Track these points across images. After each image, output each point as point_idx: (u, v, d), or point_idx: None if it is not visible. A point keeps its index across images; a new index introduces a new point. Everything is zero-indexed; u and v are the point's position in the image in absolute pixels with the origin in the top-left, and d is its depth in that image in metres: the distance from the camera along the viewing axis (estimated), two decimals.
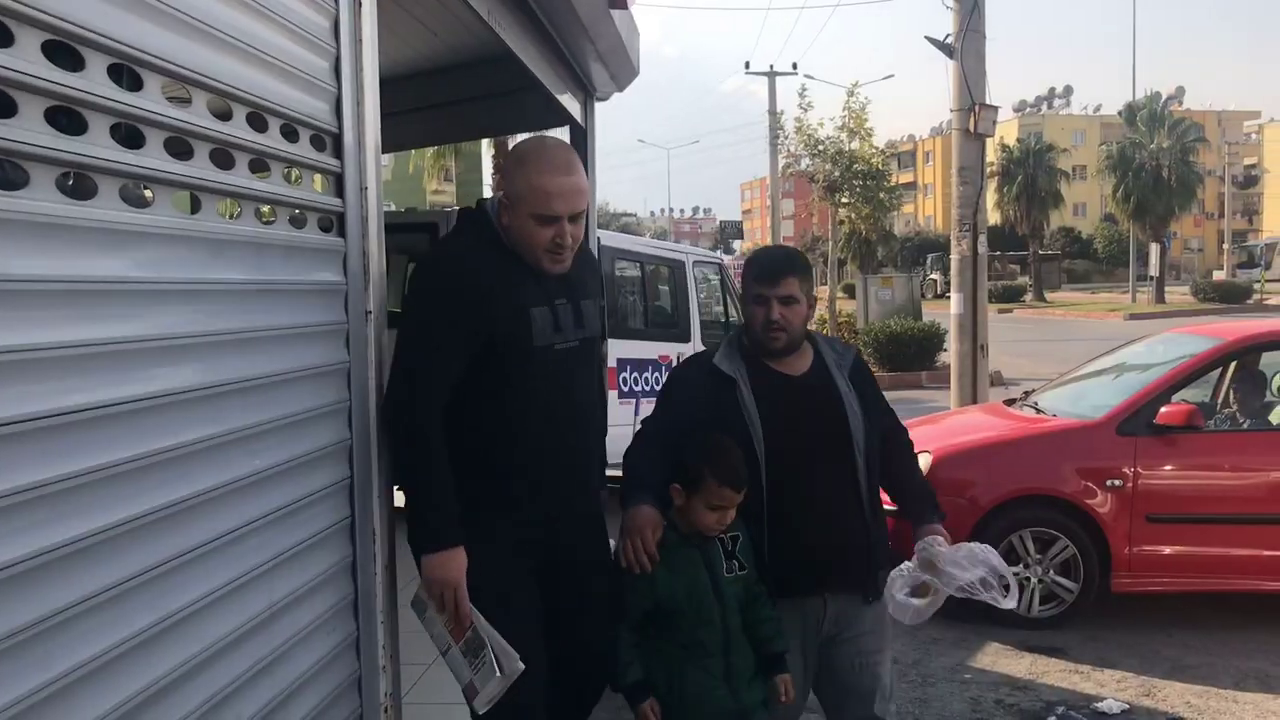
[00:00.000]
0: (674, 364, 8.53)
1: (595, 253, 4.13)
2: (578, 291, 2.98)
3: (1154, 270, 43.98)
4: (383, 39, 3.11)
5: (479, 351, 2.78)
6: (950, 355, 12.44)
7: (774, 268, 3.19)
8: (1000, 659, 5.93)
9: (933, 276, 49.34)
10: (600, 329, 3.04)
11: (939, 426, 7.75)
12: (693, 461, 3.02)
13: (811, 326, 3.40)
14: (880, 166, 24.69)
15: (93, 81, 1.84)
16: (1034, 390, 8.15)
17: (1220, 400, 7.31)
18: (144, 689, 1.96)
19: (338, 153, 2.80)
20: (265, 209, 2.52)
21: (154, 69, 2.00)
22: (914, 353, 20.16)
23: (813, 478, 3.14)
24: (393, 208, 12.01)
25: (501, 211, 2.87)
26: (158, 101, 2.02)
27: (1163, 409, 6.34)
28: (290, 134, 2.58)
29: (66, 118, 1.81)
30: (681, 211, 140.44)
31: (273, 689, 2.47)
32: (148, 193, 2.06)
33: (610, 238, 10.24)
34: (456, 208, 7.14)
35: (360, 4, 2.87)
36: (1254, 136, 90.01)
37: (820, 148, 23.65)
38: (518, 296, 2.81)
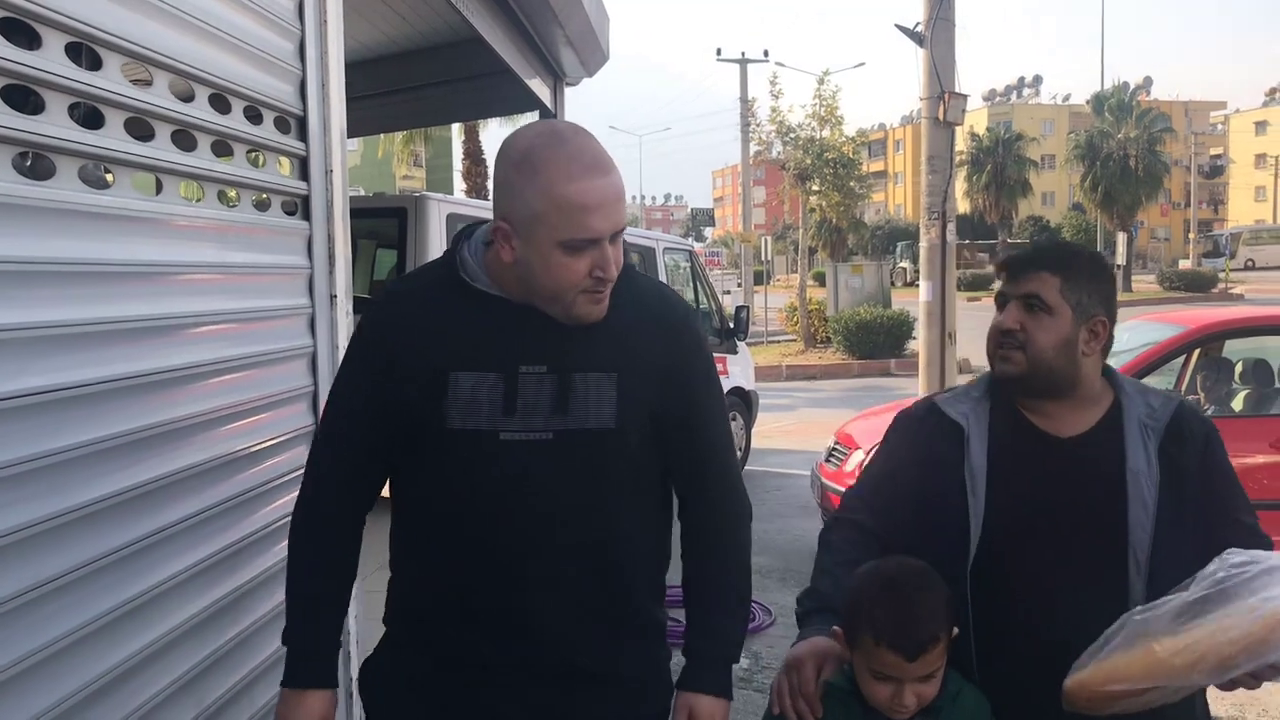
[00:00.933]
0: None
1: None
2: (584, 353, 1.85)
3: (1121, 259, 44.31)
4: (350, 22, 3.09)
5: (397, 428, 1.88)
6: (919, 343, 12.50)
7: (1021, 256, 2.14)
8: None
9: (902, 265, 49.52)
10: (622, 416, 1.85)
11: None
12: (847, 604, 1.94)
13: (782, 317, 3.02)
14: (851, 155, 24.73)
15: (50, 60, 1.82)
16: None
17: (1185, 387, 7.38)
18: (107, 671, 1.95)
19: (302, 135, 2.78)
20: (230, 192, 2.50)
21: (114, 48, 1.98)
22: (883, 340, 20.26)
23: (1051, 594, 2.02)
24: (362, 192, 11.92)
25: (498, 245, 1.81)
26: (117, 81, 1.99)
27: None
28: (254, 116, 2.56)
29: (24, 96, 1.79)
30: (653, 199, 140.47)
31: (236, 673, 2.46)
32: (108, 175, 2.05)
33: None
34: (422, 193, 7.08)
35: None
36: (1220, 127, 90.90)
37: (792, 135, 23.65)
38: (436, 354, 1.83)
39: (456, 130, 27.46)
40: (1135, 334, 7.44)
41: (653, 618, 1.99)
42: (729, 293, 30.44)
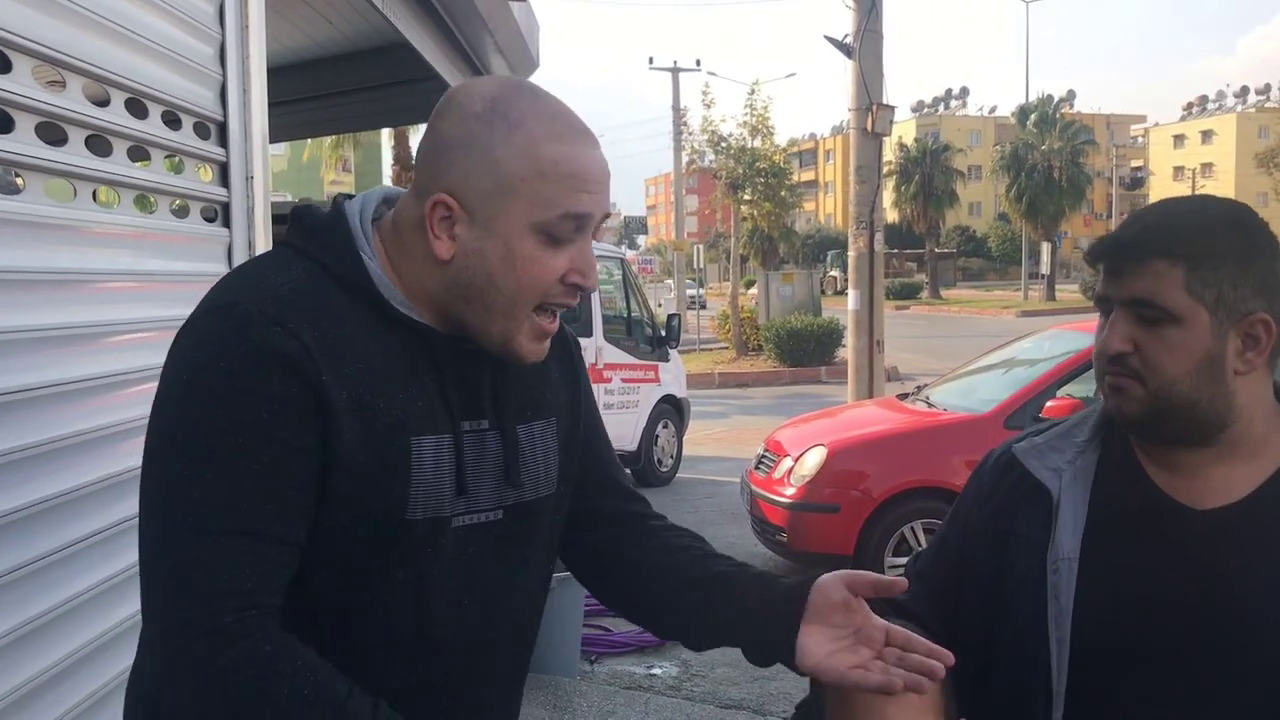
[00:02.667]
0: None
1: None
2: (519, 396, 1.42)
3: (1045, 269, 45.31)
4: (274, 24, 3.06)
5: (333, 525, 1.26)
6: (848, 351, 12.65)
7: (1122, 238, 1.41)
8: None
9: (833, 274, 50.08)
10: (567, 475, 1.48)
11: (835, 420, 7.91)
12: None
13: (712, 323, 2.04)
14: (782, 164, 24.97)
15: None
16: (926, 385, 8.33)
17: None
18: (11, 691, 1.91)
19: (222, 141, 2.74)
20: (147, 198, 2.46)
21: (23, 51, 1.94)
22: (813, 348, 20.46)
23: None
24: (289, 198, 11.79)
25: (431, 235, 1.28)
26: (27, 85, 1.95)
27: (1048, 403, 6.53)
28: (172, 121, 2.52)
29: None
30: None
31: None
32: (18, 179, 2.00)
33: None
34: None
35: None
36: (1140, 140, 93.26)
37: (724, 144, 23.82)
38: (392, 409, 1.27)
39: (386, 135, 27.21)
40: (1056, 343, 7.61)
41: None
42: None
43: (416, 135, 27.06)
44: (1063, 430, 1.53)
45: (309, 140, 26.06)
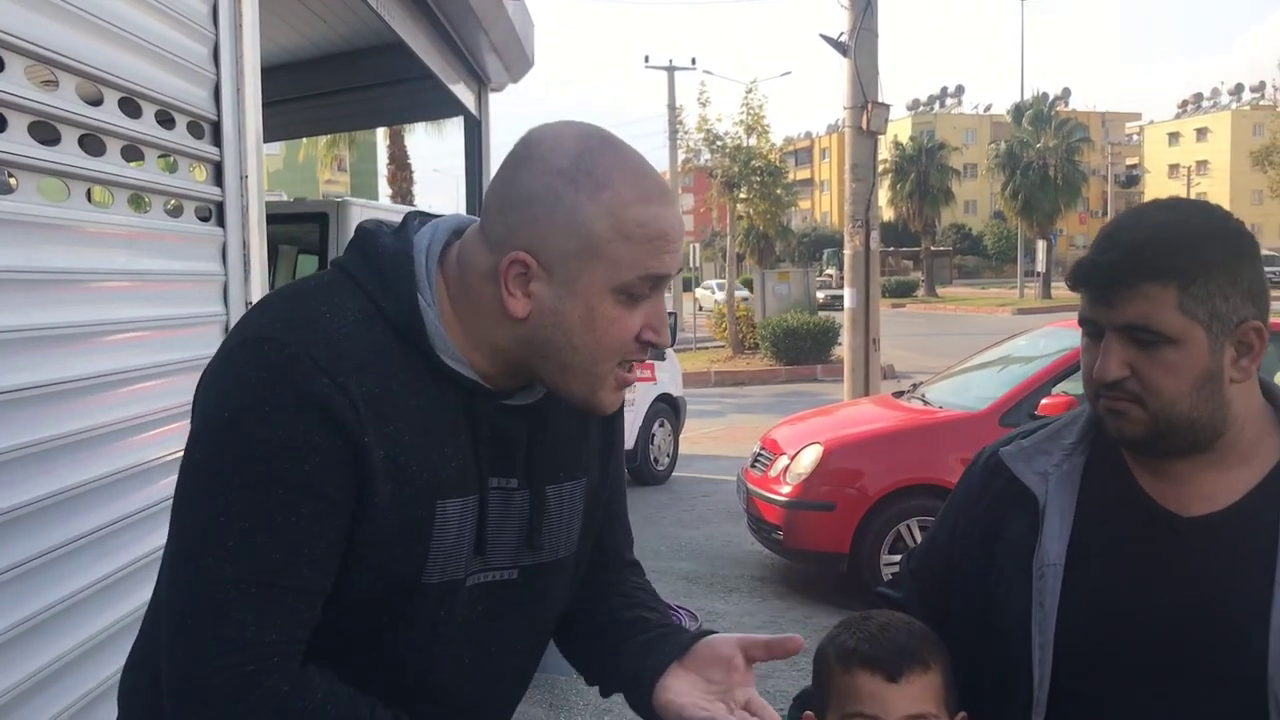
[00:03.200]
0: None
1: None
2: (557, 460, 1.38)
3: (1041, 266, 45.33)
4: (269, 24, 3.06)
5: (357, 584, 1.24)
6: (844, 349, 12.65)
7: (1107, 264, 1.35)
8: None
9: (829, 272, 50.14)
10: (588, 534, 1.46)
11: (831, 418, 7.92)
12: (815, 668, 1.50)
13: (707, 321, 2.04)
14: (777, 163, 24.98)
15: None
16: (922, 383, 8.34)
17: None
18: (8, 689, 1.91)
19: (216, 140, 2.74)
20: (141, 197, 2.46)
21: (16, 50, 1.94)
22: (809, 346, 20.47)
23: None
24: (283, 197, 11.77)
25: (505, 293, 1.22)
26: (20, 84, 1.95)
27: (1043, 400, 6.53)
28: (166, 120, 2.52)
29: None
30: None
31: None
32: (11, 179, 2.00)
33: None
34: (344, 198, 7.01)
35: None
36: (1135, 138, 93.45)
37: (719, 143, 23.83)
38: (425, 471, 1.23)
39: (381, 135, 27.27)
40: (1051, 341, 7.61)
41: None
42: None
43: (412, 135, 27.08)
44: (1050, 432, 1.51)
45: (304, 139, 26.07)
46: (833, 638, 1.47)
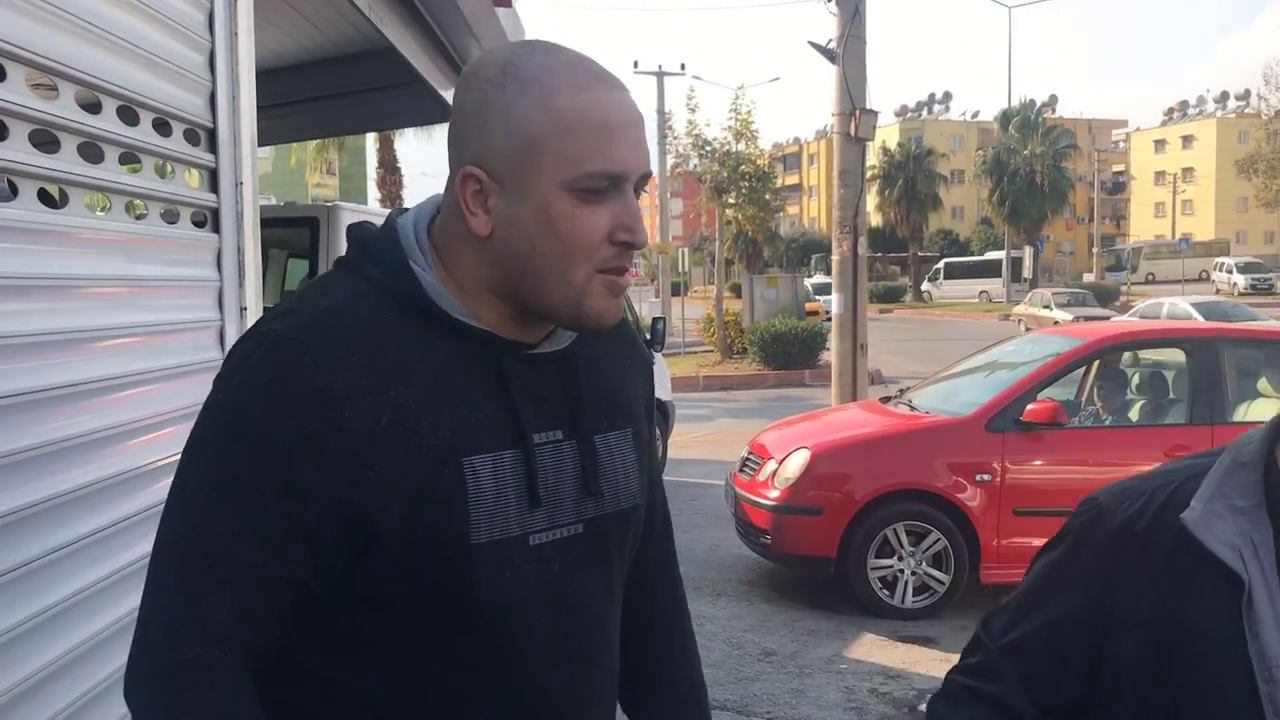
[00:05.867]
0: None
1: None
2: (596, 407, 1.34)
3: (1028, 272, 45.53)
4: (261, 30, 3.08)
5: (339, 558, 1.19)
6: (832, 354, 12.70)
7: None
8: (874, 649, 6.10)
9: (816, 278, 50.28)
10: (641, 485, 1.40)
11: (819, 423, 7.96)
12: None
13: (699, 328, 1.79)
14: (766, 168, 25.06)
15: None
16: (909, 388, 8.38)
17: (1084, 398, 7.63)
18: (5, 690, 1.93)
19: (212, 147, 2.76)
20: (137, 204, 2.49)
21: (17, 60, 1.96)
22: (797, 351, 20.53)
23: None
24: (274, 201, 11.78)
25: (467, 214, 1.22)
26: (21, 93, 1.98)
27: (1028, 406, 6.59)
28: (163, 128, 2.54)
29: None
30: None
31: None
32: (12, 186, 2.02)
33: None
34: (335, 202, 7.00)
35: None
36: (1121, 145, 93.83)
37: (708, 148, 23.88)
38: (438, 431, 1.20)
39: (371, 138, 27.20)
40: (1037, 346, 7.69)
41: None
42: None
43: (401, 139, 27.07)
44: (1214, 486, 1.25)
45: (294, 144, 26.02)
46: None
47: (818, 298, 27.85)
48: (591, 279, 1.21)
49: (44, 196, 2.10)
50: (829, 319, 13.08)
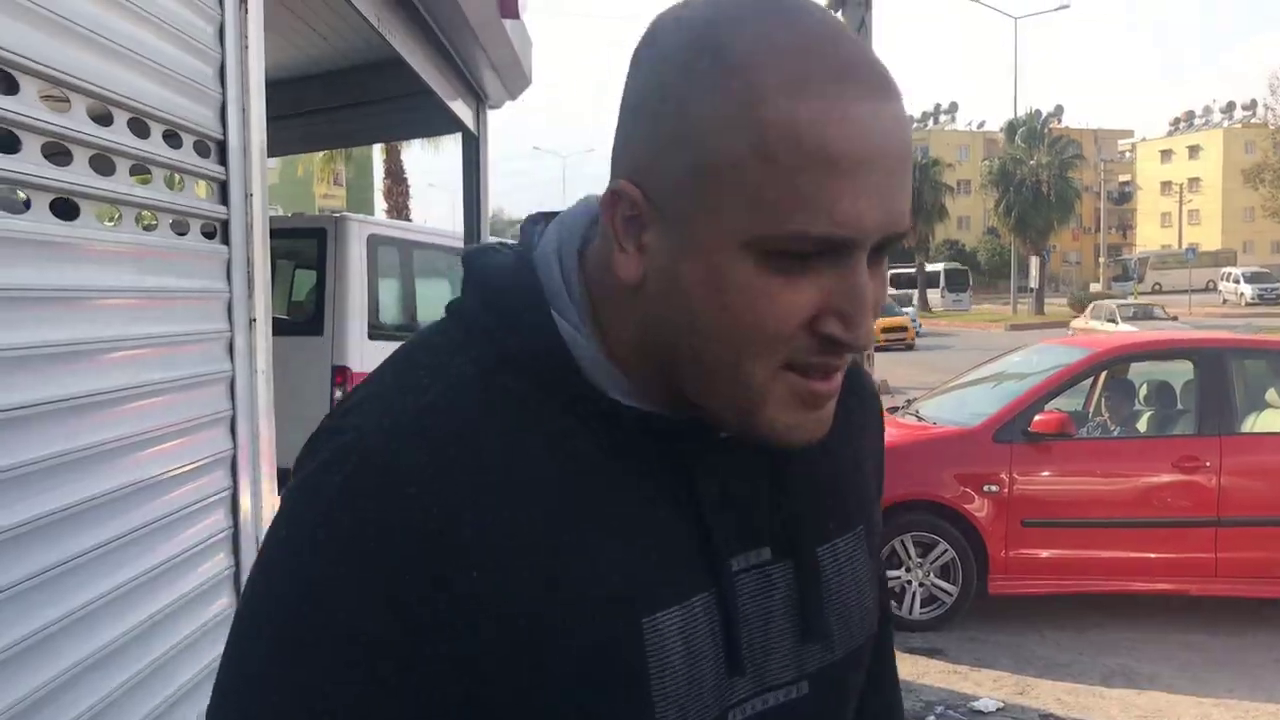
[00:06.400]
0: None
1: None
2: (821, 506, 0.92)
3: (1034, 282, 45.54)
4: (269, 42, 3.09)
5: None
6: None
7: None
8: None
9: None
10: (878, 600, 0.99)
11: None
12: None
13: None
14: None
15: None
16: (916, 399, 8.37)
17: (1092, 409, 7.62)
18: (13, 704, 1.93)
19: (222, 159, 2.77)
20: (147, 215, 2.50)
21: (30, 72, 1.97)
22: None
23: None
24: (281, 212, 11.79)
25: (614, 244, 0.78)
26: (34, 105, 1.98)
27: (1036, 417, 6.58)
28: (173, 140, 2.55)
29: None
30: None
31: (152, 700, 2.44)
32: (23, 198, 2.03)
33: (384, 225, 8.71)
34: (342, 213, 7.01)
35: (246, 9, 2.84)
36: (1128, 155, 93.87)
37: None
38: (612, 571, 0.78)
39: (378, 149, 27.30)
40: (1044, 357, 7.68)
41: None
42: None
43: (409, 150, 27.18)
44: None
45: (301, 154, 26.11)
46: None
47: None
48: (775, 379, 0.76)
49: (59, 208, 2.10)
50: None
